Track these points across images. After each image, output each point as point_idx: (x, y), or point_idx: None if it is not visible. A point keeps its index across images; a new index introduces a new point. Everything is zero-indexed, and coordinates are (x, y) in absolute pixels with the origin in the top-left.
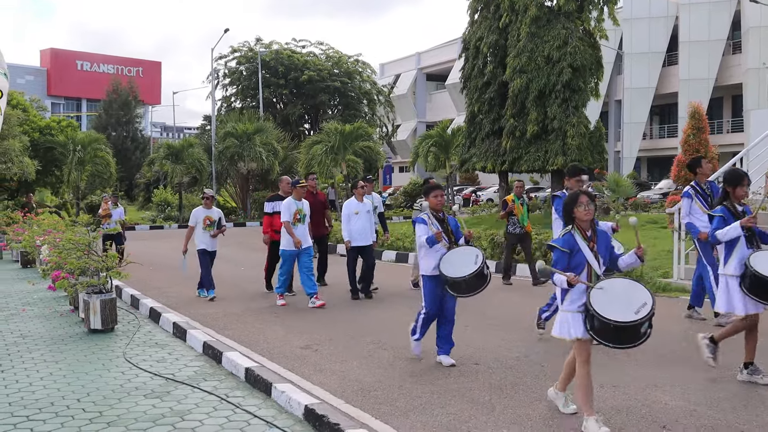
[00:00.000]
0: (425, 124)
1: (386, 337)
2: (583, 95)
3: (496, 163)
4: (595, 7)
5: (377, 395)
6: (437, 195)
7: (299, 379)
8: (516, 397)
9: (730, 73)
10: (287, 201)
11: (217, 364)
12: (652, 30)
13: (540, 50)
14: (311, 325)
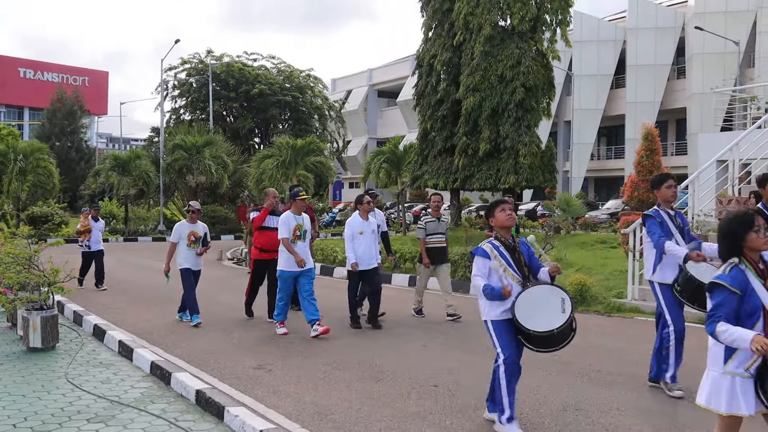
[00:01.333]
0: (376, 141)
1: (342, 358)
2: (535, 115)
3: (448, 181)
4: (548, 28)
5: (334, 419)
6: (504, 209)
7: (253, 402)
8: (477, 421)
9: (674, 97)
10: (285, 216)
11: (166, 385)
12: (601, 53)
13: (493, 69)
14: (263, 344)
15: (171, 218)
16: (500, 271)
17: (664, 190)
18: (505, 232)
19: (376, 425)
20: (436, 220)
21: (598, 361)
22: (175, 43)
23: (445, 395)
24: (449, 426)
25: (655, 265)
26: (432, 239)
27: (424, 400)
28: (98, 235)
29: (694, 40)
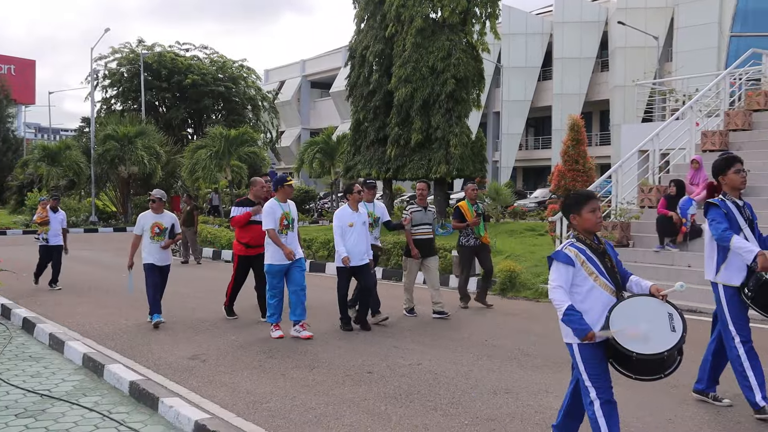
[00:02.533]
0: (309, 131)
1: (277, 346)
2: (465, 106)
3: (380, 171)
4: (477, 21)
5: (270, 407)
6: (595, 210)
7: (188, 392)
8: (411, 406)
9: (598, 90)
10: (270, 204)
11: (99, 377)
12: (529, 46)
13: (425, 61)
14: (198, 334)
15: (103, 209)
16: (589, 280)
17: (731, 176)
18: (588, 234)
19: (312, 412)
20: (423, 209)
21: (527, 345)
22: (105, 32)
23: (378, 382)
24: (383, 411)
25: (719, 263)
26: (418, 230)
27: (358, 387)
28: (58, 227)
29: (616, 34)
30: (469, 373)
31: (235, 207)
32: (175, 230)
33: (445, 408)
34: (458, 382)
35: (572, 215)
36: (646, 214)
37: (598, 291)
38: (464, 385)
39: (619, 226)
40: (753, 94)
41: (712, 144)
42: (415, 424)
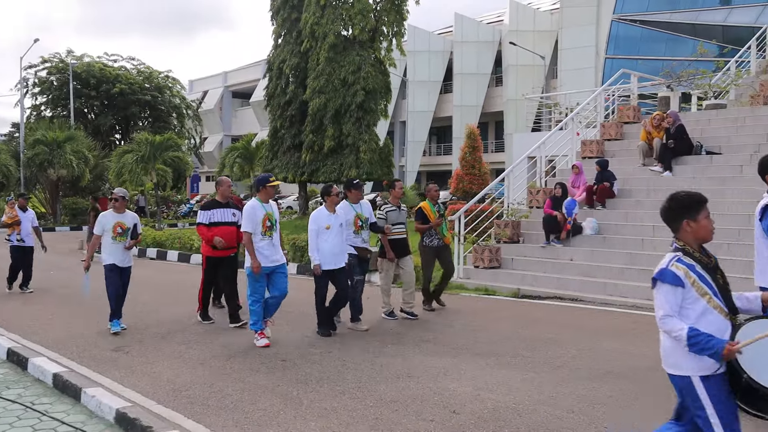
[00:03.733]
0: (231, 138)
1: (196, 337)
2: (374, 115)
3: (296, 174)
4: (385, 39)
5: (189, 395)
6: (708, 214)
7: (110, 383)
8: (321, 391)
9: (493, 102)
10: (252, 205)
11: (23, 370)
12: (432, 62)
13: (337, 74)
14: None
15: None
16: (701, 302)
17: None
18: (699, 245)
19: (229, 398)
20: (397, 209)
21: (427, 332)
22: (35, 42)
23: (291, 369)
24: (295, 396)
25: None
26: (394, 230)
27: (272, 374)
28: (29, 226)
29: (509, 53)
30: (375, 360)
31: (202, 211)
32: (137, 230)
33: (352, 392)
34: (365, 368)
35: (686, 221)
36: (534, 213)
37: (712, 315)
38: (370, 370)
39: (511, 224)
40: (624, 109)
41: (590, 151)
42: (324, 407)
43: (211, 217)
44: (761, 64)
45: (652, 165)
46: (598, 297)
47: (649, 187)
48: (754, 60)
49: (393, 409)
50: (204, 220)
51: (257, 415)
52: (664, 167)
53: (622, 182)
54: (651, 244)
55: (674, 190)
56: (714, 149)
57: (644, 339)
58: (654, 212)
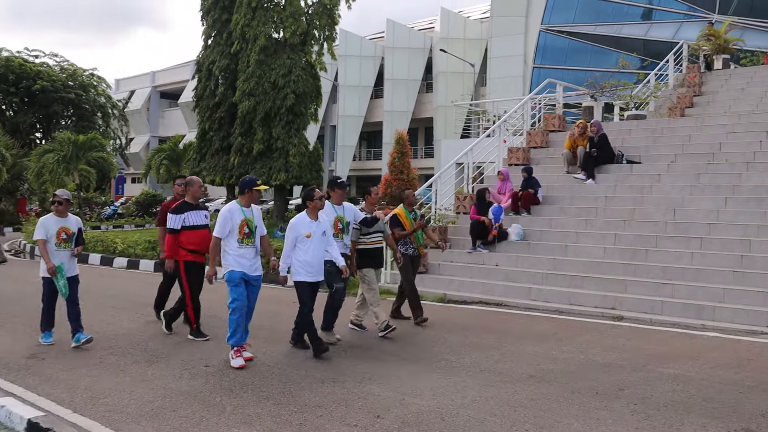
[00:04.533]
0: (158, 139)
1: (117, 343)
2: (304, 119)
3: (224, 177)
4: (316, 42)
5: (108, 402)
6: None
7: (23, 391)
8: (245, 396)
9: (424, 108)
10: (230, 208)
11: None
12: (363, 67)
13: (267, 76)
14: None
15: None
16: None
17: None
18: None
19: (149, 405)
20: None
21: (354, 338)
22: None
23: (215, 375)
24: (218, 402)
25: None
26: (371, 239)
27: (195, 381)
28: None
29: (439, 60)
30: (301, 365)
31: (173, 215)
32: (82, 236)
33: (276, 397)
34: (290, 373)
35: None
36: (461, 219)
37: None
38: (296, 375)
39: (438, 229)
40: (549, 117)
41: (516, 159)
42: (248, 413)
43: (184, 221)
44: (678, 77)
45: (575, 173)
46: (522, 302)
47: (573, 195)
48: (671, 73)
49: (317, 414)
50: (175, 225)
51: (178, 422)
52: (588, 175)
53: (546, 189)
54: (574, 250)
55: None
56: (634, 158)
57: (566, 343)
58: (577, 219)
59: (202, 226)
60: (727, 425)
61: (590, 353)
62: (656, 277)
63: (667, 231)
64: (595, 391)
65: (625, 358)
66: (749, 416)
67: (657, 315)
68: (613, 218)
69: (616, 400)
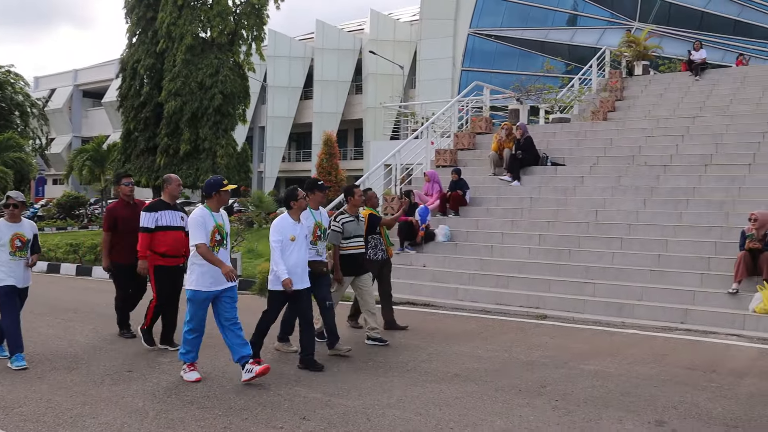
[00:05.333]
0: (81, 139)
1: (36, 350)
2: (232, 120)
3: (150, 178)
4: (244, 42)
5: (23, 411)
6: None
7: None
8: (169, 401)
9: (353, 110)
10: (201, 213)
11: None
12: (293, 68)
13: (194, 76)
14: None
15: None
16: None
17: None
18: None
19: (68, 413)
20: (355, 219)
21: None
22: None
23: (138, 380)
24: (141, 407)
25: None
26: (352, 243)
27: (117, 386)
28: None
29: (369, 62)
30: (226, 369)
31: (147, 213)
32: (37, 243)
33: (201, 401)
34: (215, 377)
35: None
36: None
37: None
38: (221, 379)
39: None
40: (476, 120)
41: (444, 160)
42: (171, 418)
43: (158, 221)
44: (601, 82)
45: (501, 174)
46: (449, 302)
47: (499, 196)
48: (595, 78)
49: (243, 417)
50: (149, 223)
51: (98, 429)
52: (513, 177)
53: (473, 191)
54: (500, 250)
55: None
56: (558, 160)
57: (492, 342)
58: (503, 220)
59: (177, 227)
60: (642, 418)
61: (514, 351)
62: (579, 276)
63: (589, 231)
64: (519, 388)
65: (547, 356)
66: (662, 409)
67: (579, 313)
68: (538, 219)
69: (538, 397)
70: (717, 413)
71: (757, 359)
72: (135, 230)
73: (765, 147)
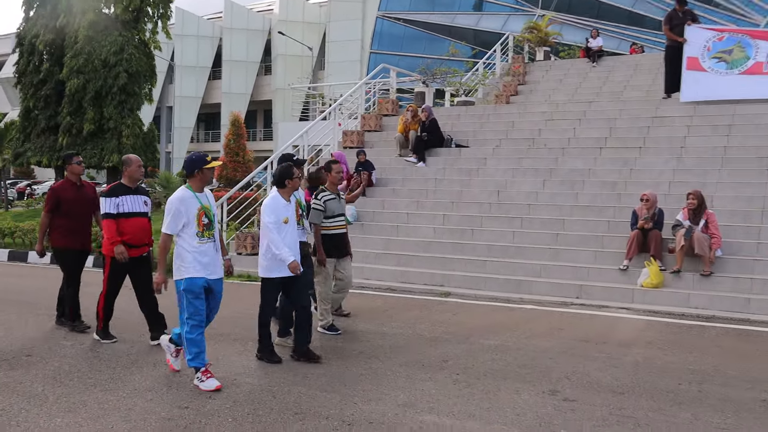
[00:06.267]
0: None
1: None
2: (138, 99)
3: (52, 158)
4: (150, 20)
5: None
6: None
7: None
8: (71, 384)
9: (262, 91)
10: (181, 196)
11: None
12: (201, 47)
13: (97, 54)
14: None
15: None
16: None
17: None
18: None
19: None
20: (336, 197)
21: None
22: None
23: (38, 364)
24: (41, 392)
25: None
26: (334, 223)
27: (15, 371)
28: None
29: (278, 43)
30: (130, 350)
31: (107, 198)
32: None
33: (104, 383)
34: (120, 359)
35: None
36: None
37: None
38: (126, 361)
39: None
40: (383, 102)
41: (351, 142)
42: (73, 401)
43: (120, 206)
44: (504, 67)
45: (407, 156)
46: (355, 281)
47: (405, 177)
48: (498, 63)
49: (148, 398)
50: (111, 209)
51: None
52: (419, 158)
53: (380, 171)
54: (405, 230)
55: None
56: (462, 142)
57: (396, 319)
58: (409, 200)
59: (140, 213)
60: (537, 388)
61: (418, 328)
62: (481, 255)
63: (491, 211)
64: (422, 363)
65: (450, 332)
66: (556, 379)
67: (481, 291)
68: (443, 200)
69: (440, 371)
70: (606, 381)
71: (644, 330)
72: (82, 213)
73: (654, 131)
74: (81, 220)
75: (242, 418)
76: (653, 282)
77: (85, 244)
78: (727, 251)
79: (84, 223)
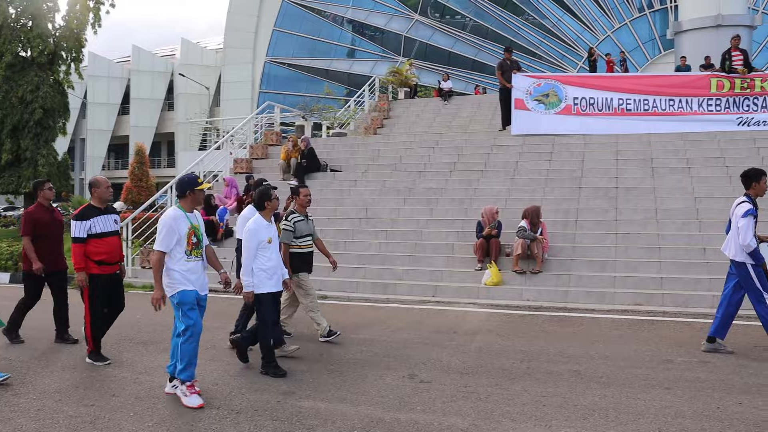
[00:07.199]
0: None
1: None
2: (52, 132)
3: None
4: (64, 63)
5: None
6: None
7: None
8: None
9: (166, 124)
10: (172, 215)
11: None
12: (111, 86)
13: (15, 92)
14: None
15: None
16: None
17: (762, 185)
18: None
19: None
20: (305, 218)
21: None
22: None
23: None
24: None
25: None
26: (303, 242)
27: None
28: None
29: (179, 83)
30: (41, 356)
31: (77, 221)
32: None
33: (15, 387)
34: (31, 364)
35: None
36: None
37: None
38: (36, 365)
39: None
40: (269, 133)
41: (241, 168)
42: None
43: (91, 228)
44: (372, 104)
45: (289, 180)
46: None
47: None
48: (367, 101)
49: (56, 399)
50: (80, 233)
51: None
52: (299, 181)
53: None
54: None
55: None
56: (336, 168)
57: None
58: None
59: (111, 232)
60: (398, 373)
61: (298, 327)
62: (353, 263)
63: (361, 226)
64: (301, 357)
65: None
66: (414, 365)
67: (354, 293)
68: (320, 216)
69: (315, 363)
70: (455, 365)
71: (486, 321)
72: (53, 235)
73: (493, 157)
74: (52, 242)
75: (143, 412)
76: (494, 281)
77: (59, 264)
78: (551, 253)
79: (58, 244)
